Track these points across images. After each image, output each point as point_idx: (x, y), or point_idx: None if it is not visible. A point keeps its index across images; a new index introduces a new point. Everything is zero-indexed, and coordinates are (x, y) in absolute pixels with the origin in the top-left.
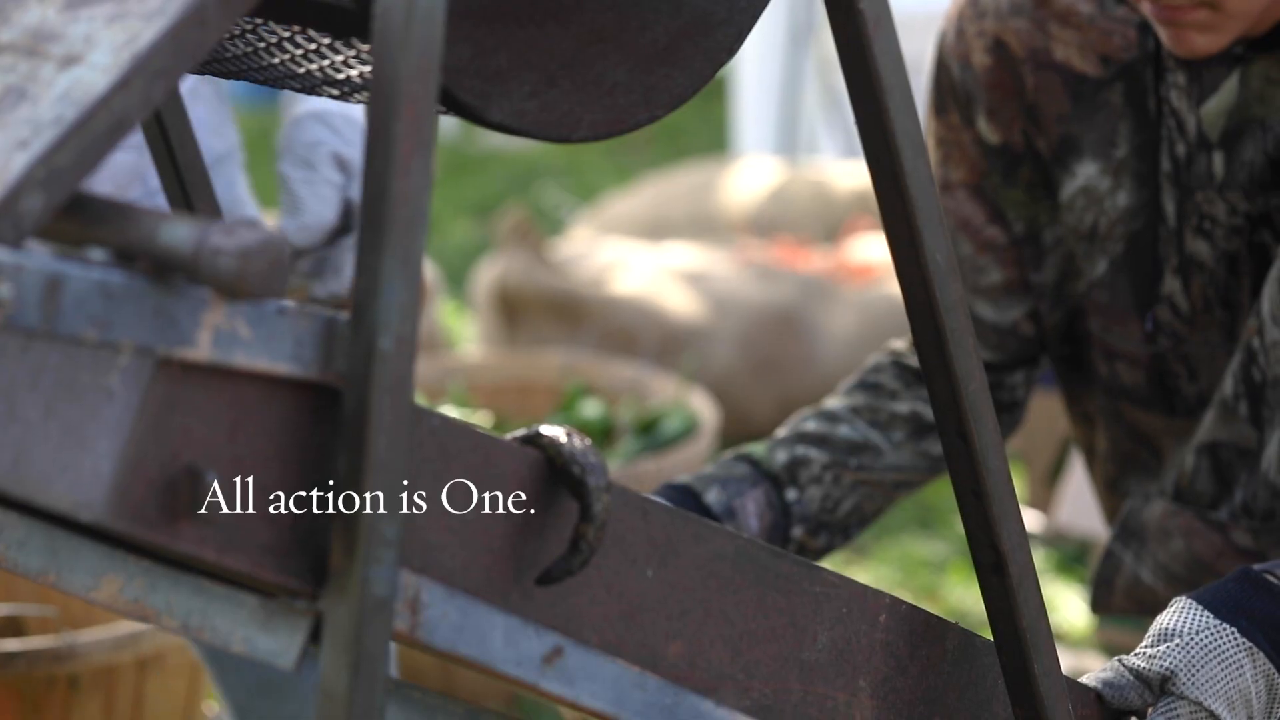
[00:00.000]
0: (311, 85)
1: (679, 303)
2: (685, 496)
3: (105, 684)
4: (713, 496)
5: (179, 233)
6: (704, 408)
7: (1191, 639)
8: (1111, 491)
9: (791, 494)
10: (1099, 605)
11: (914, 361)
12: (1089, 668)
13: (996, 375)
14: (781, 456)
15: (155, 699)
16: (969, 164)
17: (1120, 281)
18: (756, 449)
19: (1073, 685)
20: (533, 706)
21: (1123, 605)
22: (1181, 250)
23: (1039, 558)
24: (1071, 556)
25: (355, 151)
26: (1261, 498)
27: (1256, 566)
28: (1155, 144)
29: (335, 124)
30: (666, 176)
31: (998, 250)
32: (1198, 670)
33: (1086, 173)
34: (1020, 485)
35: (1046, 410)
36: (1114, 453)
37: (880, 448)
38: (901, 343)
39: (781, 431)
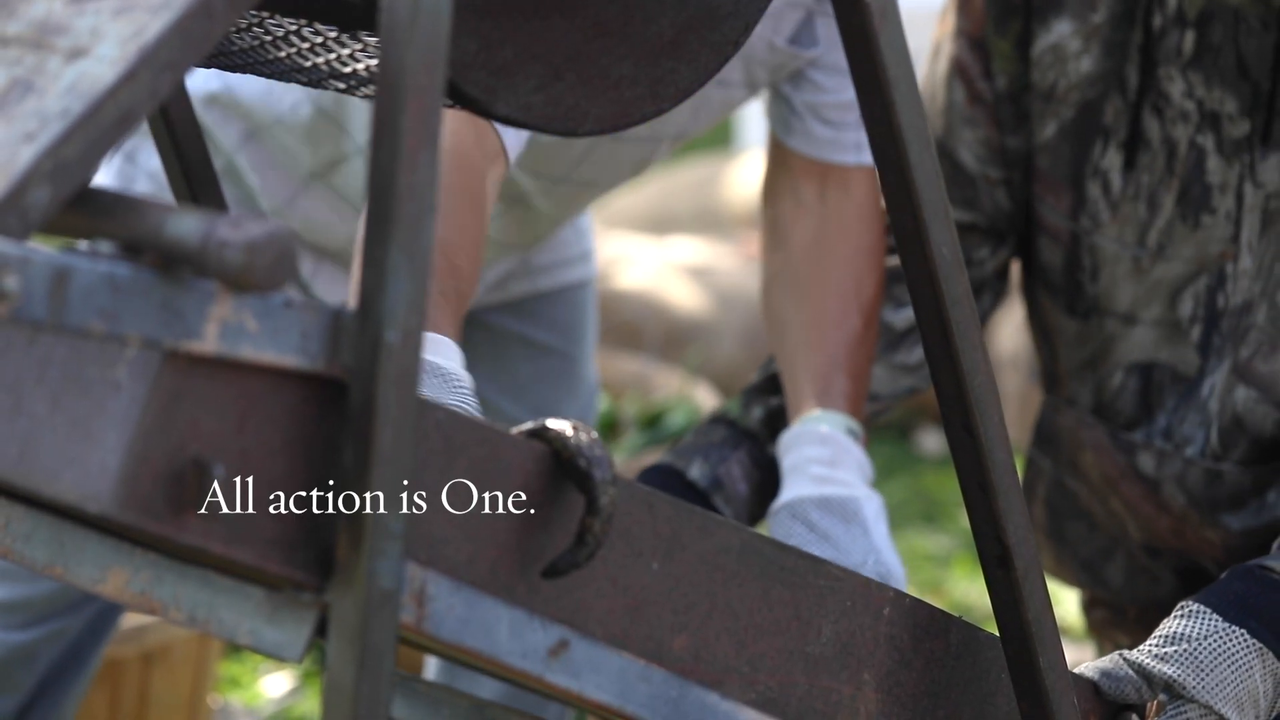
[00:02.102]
0: (318, 79)
1: (683, 297)
2: (668, 477)
3: (110, 677)
4: (696, 471)
5: (186, 225)
6: (708, 402)
7: (1200, 643)
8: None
9: (774, 447)
10: None
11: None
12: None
13: (962, 243)
14: (757, 411)
15: (160, 692)
16: (976, 16)
17: (1063, 148)
18: (732, 407)
19: (1072, 677)
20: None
21: (1039, 518)
22: (1133, 124)
23: None
24: None
25: None
26: (1189, 422)
27: (1258, 562)
28: (1133, 15)
29: None
30: (671, 171)
31: (985, 105)
32: (1207, 674)
33: (1060, 30)
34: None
35: None
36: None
37: None
38: None
39: (754, 378)
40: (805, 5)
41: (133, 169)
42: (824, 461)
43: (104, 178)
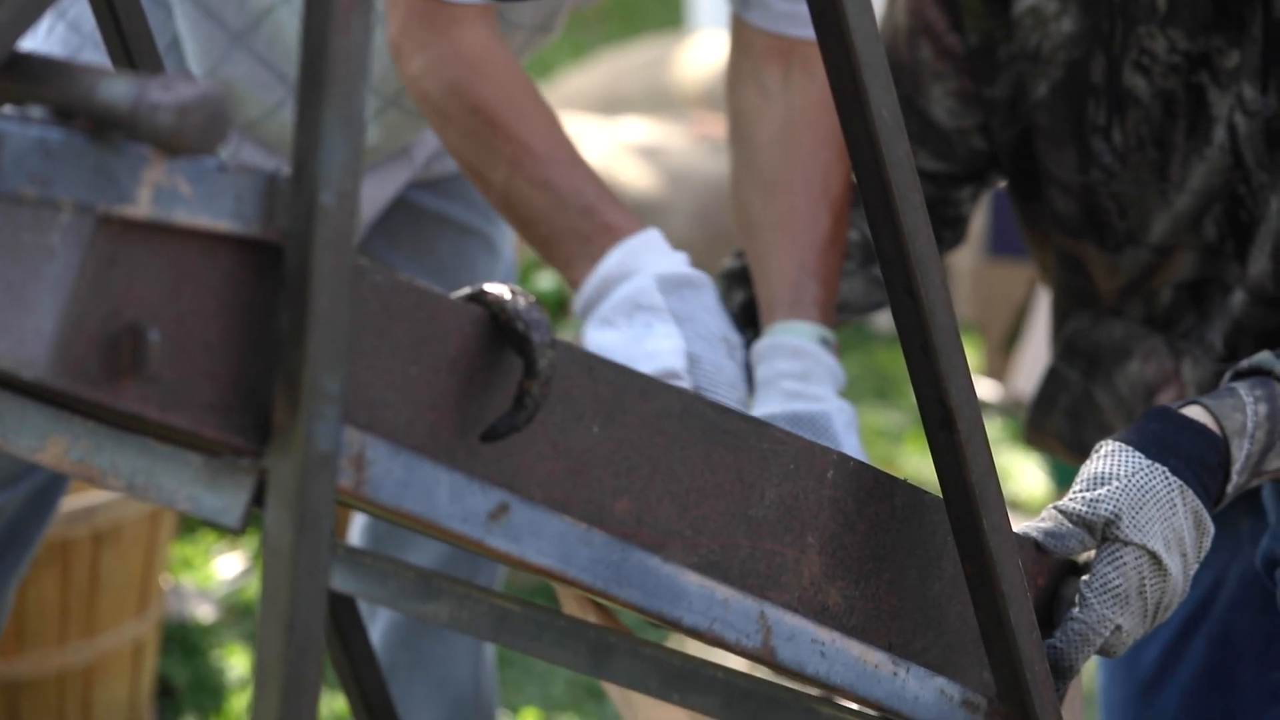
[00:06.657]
0: None
1: (635, 177)
2: None
3: (61, 558)
4: None
5: (117, 89)
6: None
7: (1129, 481)
8: (1063, 319)
9: (750, 333)
10: (1034, 425)
11: None
12: None
13: (944, 190)
14: (739, 297)
15: (111, 572)
16: None
17: (1059, 107)
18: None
19: (1016, 539)
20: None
21: (1057, 428)
22: (1119, 84)
23: (995, 427)
24: None
25: None
26: (1213, 329)
27: (1172, 405)
28: None
29: None
30: (621, 52)
31: (955, 58)
32: (1138, 512)
33: None
34: (976, 355)
35: (1003, 279)
36: (1058, 276)
37: None
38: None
39: (730, 263)
40: None
41: (79, 39)
42: (796, 376)
43: (48, 46)
